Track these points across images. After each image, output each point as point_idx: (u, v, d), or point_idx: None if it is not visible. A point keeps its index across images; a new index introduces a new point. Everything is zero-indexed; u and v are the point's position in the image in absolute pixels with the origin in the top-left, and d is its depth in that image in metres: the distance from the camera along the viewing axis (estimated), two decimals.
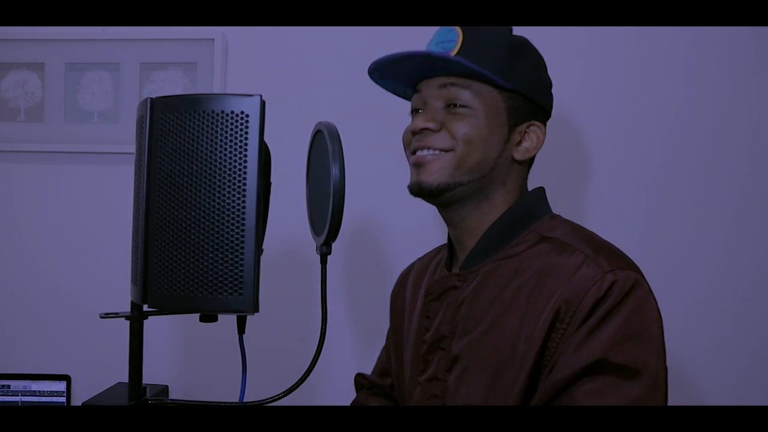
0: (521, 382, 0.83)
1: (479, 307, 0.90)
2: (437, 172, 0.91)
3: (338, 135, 0.87)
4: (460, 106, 0.91)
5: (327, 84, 1.52)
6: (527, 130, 0.94)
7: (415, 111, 0.97)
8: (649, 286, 0.85)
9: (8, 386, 1.50)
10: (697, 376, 1.44)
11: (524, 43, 0.96)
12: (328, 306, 0.91)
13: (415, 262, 1.15)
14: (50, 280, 1.59)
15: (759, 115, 1.43)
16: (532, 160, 0.99)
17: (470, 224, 0.94)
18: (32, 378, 1.51)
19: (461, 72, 0.90)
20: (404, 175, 1.02)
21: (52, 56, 1.56)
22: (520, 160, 0.94)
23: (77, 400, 1.52)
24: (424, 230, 1.46)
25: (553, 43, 1.43)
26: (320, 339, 0.87)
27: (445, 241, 1.04)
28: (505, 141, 0.92)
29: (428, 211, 0.98)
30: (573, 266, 0.84)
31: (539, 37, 1.03)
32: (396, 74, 0.96)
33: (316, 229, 0.93)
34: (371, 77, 0.99)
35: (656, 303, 0.85)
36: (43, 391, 1.51)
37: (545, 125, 0.97)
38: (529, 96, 0.93)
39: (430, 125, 0.91)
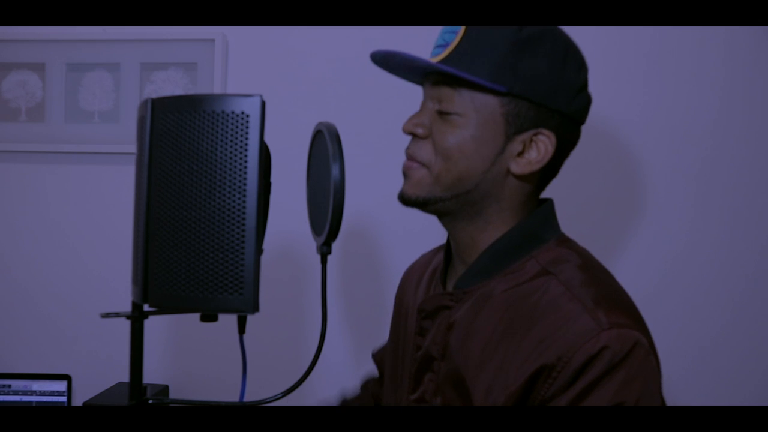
0: None
1: (468, 338, 0.84)
2: (416, 186, 0.86)
3: (338, 135, 0.87)
4: (449, 113, 0.83)
5: (327, 84, 1.52)
6: (533, 138, 0.83)
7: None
8: (650, 341, 0.77)
9: (9, 386, 1.50)
10: (692, 377, 1.44)
11: (539, 37, 0.82)
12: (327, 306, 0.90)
13: (418, 259, 1.12)
14: (51, 280, 1.59)
15: (760, 116, 1.43)
16: (543, 175, 0.87)
17: (466, 239, 0.88)
18: (33, 378, 1.51)
19: (450, 70, 0.82)
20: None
21: (53, 56, 1.56)
22: (518, 174, 0.84)
23: (78, 400, 1.52)
24: (423, 230, 1.46)
25: None
26: (320, 339, 0.87)
27: (439, 244, 1.01)
28: (499, 153, 0.82)
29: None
30: (568, 317, 0.76)
31: None
32: (398, 68, 0.89)
33: (316, 229, 0.94)
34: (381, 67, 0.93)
35: (656, 361, 0.77)
36: (44, 391, 1.51)
37: (561, 133, 0.83)
38: (534, 100, 0.81)
39: (418, 131, 0.85)
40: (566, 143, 0.86)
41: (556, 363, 0.74)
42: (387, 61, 0.87)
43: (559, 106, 0.82)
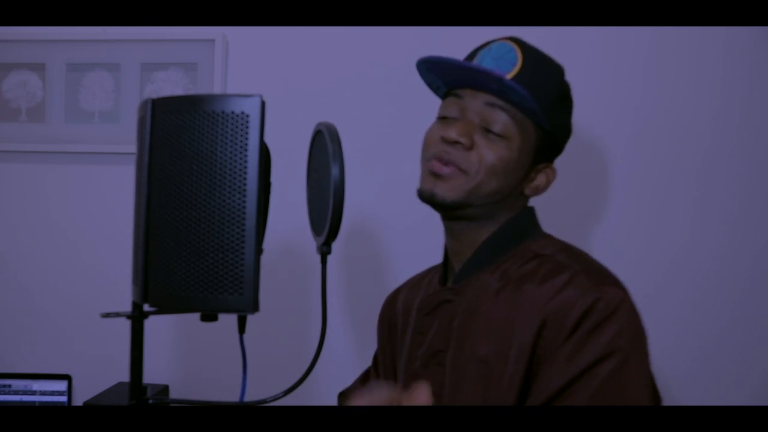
0: (514, 391, 0.85)
1: (474, 321, 0.91)
2: (453, 190, 0.91)
3: (338, 135, 0.87)
4: (498, 134, 0.90)
5: (327, 84, 1.52)
6: (543, 170, 0.97)
7: (443, 118, 0.94)
8: (634, 304, 0.87)
9: (9, 386, 1.50)
10: (692, 377, 1.44)
11: (569, 92, 0.98)
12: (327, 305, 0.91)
13: (404, 283, 1.14)
14: (51, 280, 1.59)
15: (759, 115, 1.43)
16: None
17: (471, 237, 0.96)
18: (33, 377, 1.51)
19: (514, 98, 0.89)
20: (403, 175, 1.01)
21: (53, 56, 1.56)
22: (527, 195, 0.98)
23: (78, 400, 1.52)
24: (421, 230, 1.45)
25: (550, 43, 1.43)
26: (320, 338, 0.87)
27: (439, 245, 1.04)
28: (525, 176, 0.95)
29: (425, 211, 0.98)
30: (561, 282, 0.86)
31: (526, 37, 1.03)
32: (444, 74, 0.94)
33: (316, 229, 0.94)
34: (417, 66, 0.96)
35: (642, 321, 0.87)
36: (44, 391, 1.51)
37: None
38: (556, 141, 0.97)
39: (464, 141, 0.90)
40: None
41: (556, 317, 0.84)
42: (441, 67, 0.92)
43: (561, 149, 1.00)
